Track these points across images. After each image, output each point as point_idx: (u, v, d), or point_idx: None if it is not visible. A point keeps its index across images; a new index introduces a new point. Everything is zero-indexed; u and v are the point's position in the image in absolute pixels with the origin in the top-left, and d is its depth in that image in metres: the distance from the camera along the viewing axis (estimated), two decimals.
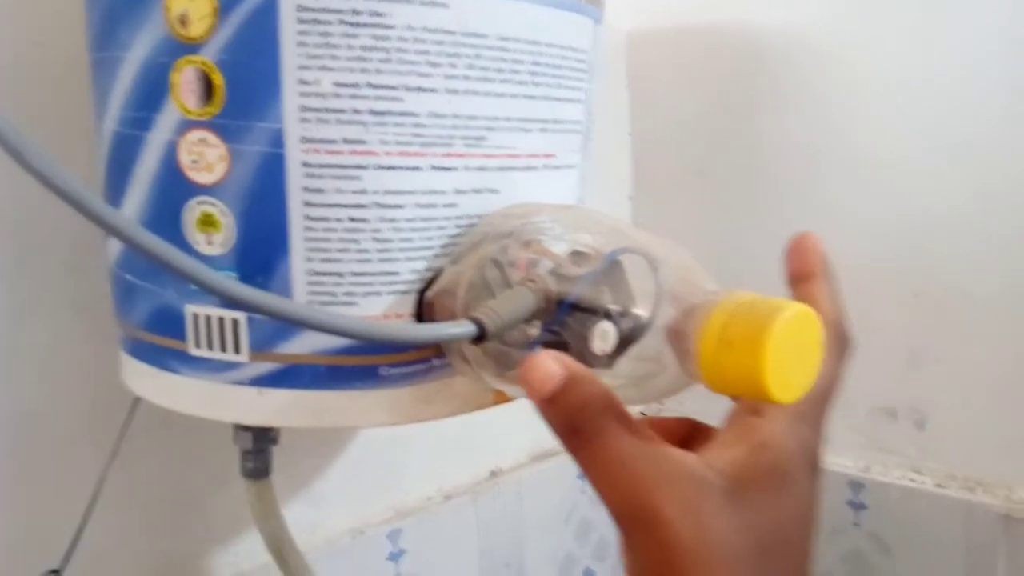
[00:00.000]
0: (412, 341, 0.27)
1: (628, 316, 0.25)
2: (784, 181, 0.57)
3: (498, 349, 0.27)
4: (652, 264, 0.26)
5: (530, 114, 0.30)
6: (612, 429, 0.24)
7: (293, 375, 0.28)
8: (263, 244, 0.27)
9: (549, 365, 0.24)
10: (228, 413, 0.30)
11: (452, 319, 0.28)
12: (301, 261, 0.27)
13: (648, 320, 0.25)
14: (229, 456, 0.36)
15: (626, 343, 0.25)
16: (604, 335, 0.25)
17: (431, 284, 0.29)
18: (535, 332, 0.27)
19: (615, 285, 0.26)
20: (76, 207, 0.20)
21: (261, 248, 0.27)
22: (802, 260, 0.28)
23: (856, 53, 0.53)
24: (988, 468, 0.51)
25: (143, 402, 0.33)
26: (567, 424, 0.24)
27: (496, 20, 0.28)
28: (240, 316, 0.28)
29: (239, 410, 0.29)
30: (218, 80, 0.26)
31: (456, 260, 0.29)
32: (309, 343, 0.28)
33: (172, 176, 0.27)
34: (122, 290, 0.31)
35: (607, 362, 0.26)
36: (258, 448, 0.36)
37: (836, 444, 0.56)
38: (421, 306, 0.29)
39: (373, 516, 0.51)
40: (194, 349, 0.29)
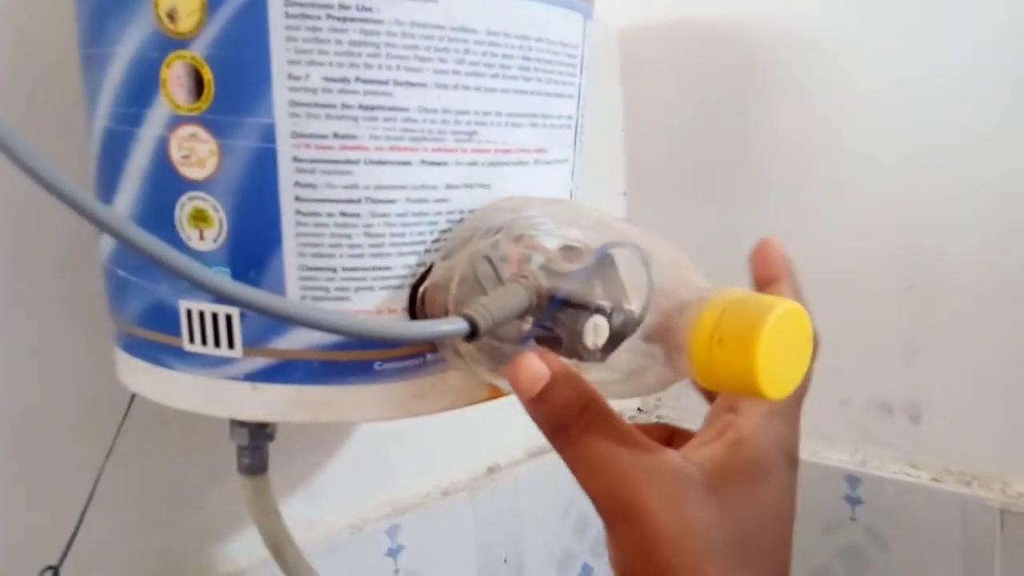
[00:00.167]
0: (405, 339, 0.27)
1: (620, 311, 0.25)
2: (777, 177, 0.57)
3: (491, 345, 0.27)
4: (644, 259, 0.26)
5: (521, 109, 0.30)
6: (597, 426, 0.25)
7: (287, 370, 0.28)
8: (255, 239, 0.27)
9: (536, 365, 0.25)
10: (223, 408, 0.30)
11: (444, 313, 0.28)
12: (293, 256, 0.27)
13: (640, 315, 0.25)
14: (226, 452, 0.36)
15: (618, 337, 0.26)
16: (596, 329, 0.26)
17: (423, 279, 0.29)
18: (527, 327, 0.27)
19: (607, 280, 0.26)
20: (67, 203, 0.20)
21: (253, 243, 0.27)
22: (766, 264, 0.28)
23: (849, 49, 0.53)
24: (984, 462, 0.51)
25: (140, 399, 0.33)
26: (553, 422, 0.25)
27: (485, 15, 0.28)
28: (234, 311, 0.28)
29: (233, 405, 0.30)
30: (208, 75, 0.26)
31: (447, 255, 0.29)
32: (303, 338, 0.28)
33: (163, 172, 0.27)
34: (115, 286, 0.31)
35: (600, 356, 0.26)
36: (254, 444, 0.36)
37: (832, 439, 0.56)
38: (414, 301, 0.29)
39: (371, 512, 0.51)
40: (188, 345, 0.29)
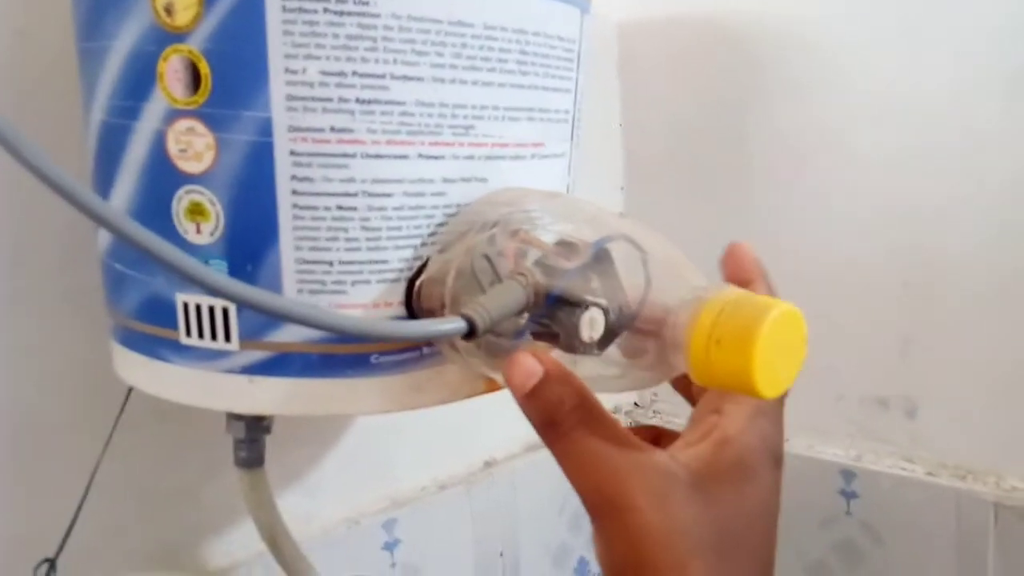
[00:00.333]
0: (403, 337, 0.27)
1: (616, 305, 0.25)
2: (774, 172, 0.57)
3: (487, 340, 0.27)
4: (641, 254, 0.26)
5: (518, 103, 0.30)
6: (587, 424, 0.25)
7: (284, 363, 0.29)
8: (252, 233, 0.27)
9: (530, 363, 0.25)
10: (219, 402, 0.30)
11: (441, 307, 0.28)
12: (290, 250, 0.27)
13: (636, 309, 0.25)
14: (224, 446, 0.36)
15: (614, 332, 0.26)
16: (592, 322, 0.26)
17: (420, 272, 0.29)
18: (524, 322, 0.27)
19: (603, 275, 0.26)
20: (64, 197, 0.20)
21: (250, 237, 0.27)
22: (739, 267, 0.28)
23: (847, 46, 0.53)
24: (978, 456, 0.51)
25: (137, 392, 0.33)
26: (544, 418, 0.26)
27: (482, 9, 0.28)
28: (230, 305, 0.28)
29: (230, 398, 0.30)
30: (205, 69, 0.26)
31: (444, 248, 0.29)
32: (299, 332, 0.28)
33: (160, 165, 0.27)
34: (112, 280, 0.31)
35: (595, 350, 0.26)
36: (251, 437, 0.36)
37: (828, 433, 0.56)
38: (410, 294, 0.29)
39: (368, 506, 0.51)
40: (185, 338, 0.29)
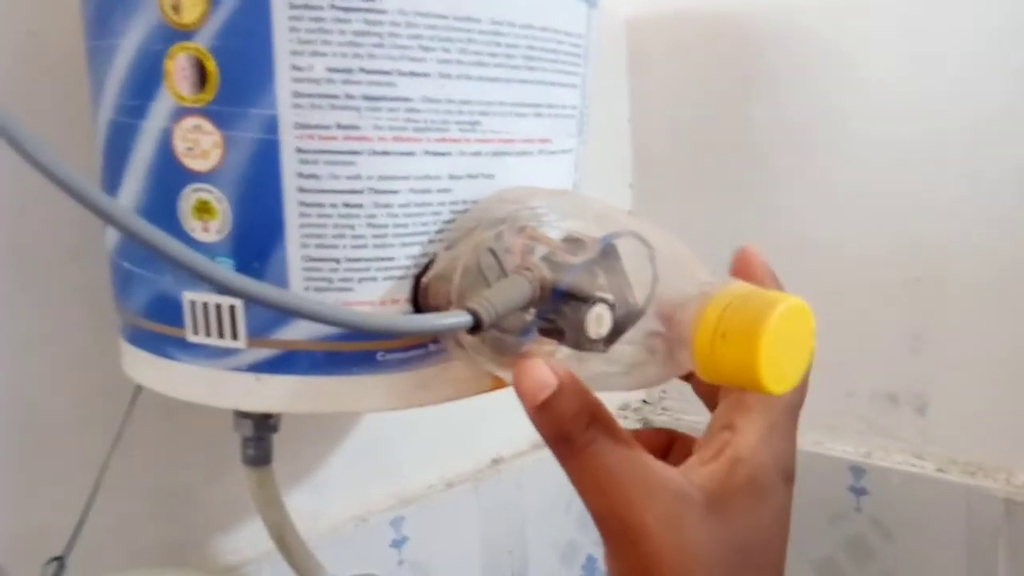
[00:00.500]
0: (408, 331, 0.27)
1: (623, 302, 0.25)
2: (784, 167, 0.57)
3: (494, 336, 0.27)
4: (648, 250, 0.26)
5: (525, 99, 0.30)
6: (601, 440, 0.24)
7: (291, 361, 0.29)
8: (259, 231, 0.27)
9: (542, 372, 0.24)
10: (226, 399, 0.30)
11: (447, 304, 0.28)
12: (297, 247, 0.27)
13: (643, 307, 0.25)
14: (232, 444, 0.36)
15: (620, 328, 0.25)
16: (599, 319, 0.25)
17: (427, 269, 0.29)
18: (530, 318, 0.27)
19: (610, 271, 0.26)
20: (72, 195, 0.20)
21: (257, 235, 0.27)
22: (749, 271, 0.28)
23: (854, 40, 0.53)
24: (989, 452, 0.51)
25: (146, 390, 0.33)
26: (557, 432, 0.25)
27: (489, 4, 0.28)
28: (237, 302, 0.28)
29: (237, 396, 0.30)
30: (211, 67, 0.26)
31: (451, 245, 0.29)
32: (306, 329, 0.28)
33: (167, 164, 0.27)
34: (120, 278, 0.31)
35: (602, 347, 0.26)
36: (259, 435, 0.36)
37: (837, 430, 0.56)
38: (417, 291, 0.29)
39: (376, 503, 0.51)
40: (192, 336, 0.29)
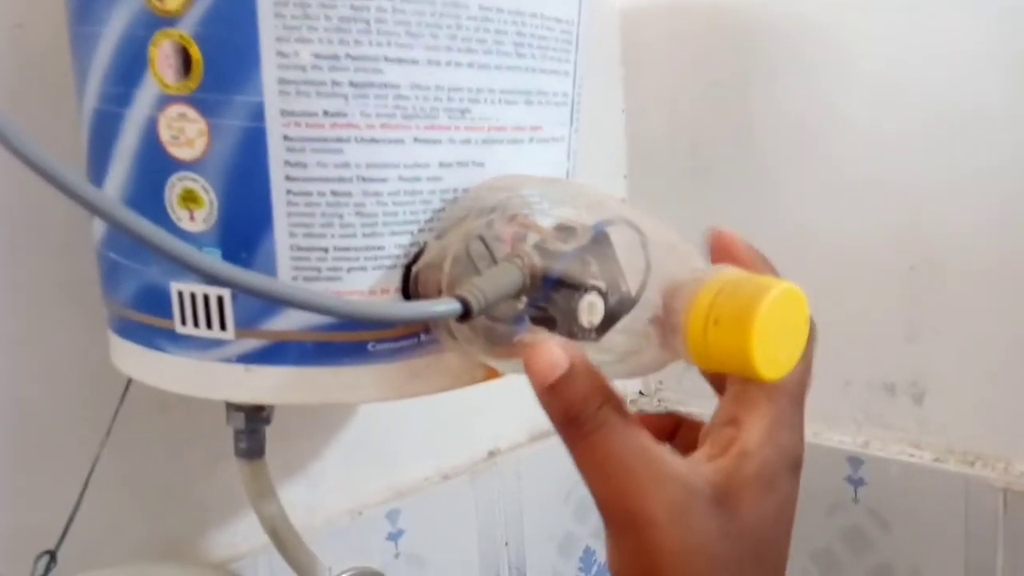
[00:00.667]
0: (396, 319, 0.27)
1: (615, 290, 0.25)
2: (779, 156, 0.57)
3: (485, 325, 0.27)
4: (641, 238, 0.26)
5: (515, 86, 0.29)
6: (610, 425, 0.24)
7: (280, 352, 0.28)
8: (246, 220, 0.27)
9: (554, 353, 0.24)
10: (216, 391, 0.30)
11: (438, 294, 0.27)
12: (285, 236, 0.27)
13: (635, 294, 0.25)
14: (226, 437, 0.36)
15: (613, 317, 0.25)
16: (591, 307, 0.25)
17: (417, 258, 0.29)
18: (522, 307, 0.26)
19: (602, 259, 0.26)
20: (57, 186, 0.20)
21: (244, 224, 0.27)
22: (732, 256, 0.26)
23: (851, 27, 0.52)
24: (986, 442, 0.50)
25: (137, 383, 0.33)
26: (566, 415, 0.24)
27: None
28: (225, 293, 0.28)
29: (227, 388, 0.29)
30: (196, 53, 0.26)
31: (441, 234, 0.28)
32: (295, 320, 0.28)
33: (153, 152, 0.27)
34: (107, 269, 0.31)
35: (594, 336, 0.25)
36: (251, 428, 0.36)
37: (834, 420, 0.56)
38: (407, 281, 0.29)
39: (371, 497, 0.51)
40: (180, 327, 0.29)
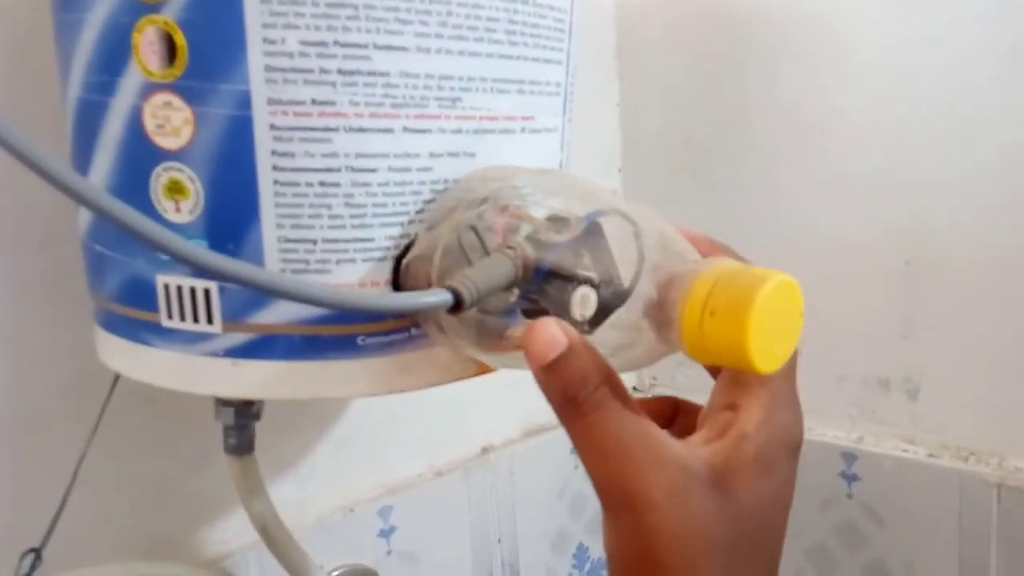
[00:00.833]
0: (386, 310, 0.26)
1: (608, 282, 0.25)
2: (774, 149, 0.56)
3: (476, 317, 0.26)
4: (635, 229, 0.25)
5: (507, 74, 0.29)
6: (608, 405, 0.23)
7: (268, 346, 0.28)
8: (232, 211, 0.27)
9: (553, 331, 0.23)
10: (203, 386, 0.29)
11: (427, 286, 0.27)
12: (272, 228, 0.27)
13: (629, 287, 0.25)
14: (215, 432, 0.36)
15: (606, 310, 0.25)
16: (584, 300, 0.25)
17: (407, 250, 0.28)
18: (513, 299, 0.26)
19: (595, 251, 0.26)
20: (41, 174, 0.19)
21: (231, 215, 0.27)
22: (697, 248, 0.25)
23: (847, 19, 0.52)
24: (981, 437, 0.50)
25: (125, 378, 0.32)
26: (564, 394, 0.24)
27: None
28: (211, 285, 0.27)
29: (214, 382, 0.29)
30: (180, 40, 0.25)
31: (432, 225, 0.28)
32: (283, 313, 0.27)
33: (138, 142, 0.27)
34: (93, 262, 0.30)
35: (587, 329, 0.25)
36: (240, 424, 0.35)
37: (828, 415, 0.56)
38: (397, 273, 0.28)
39: (363, 493, 0.50)
40: (166, 320, 0.28)
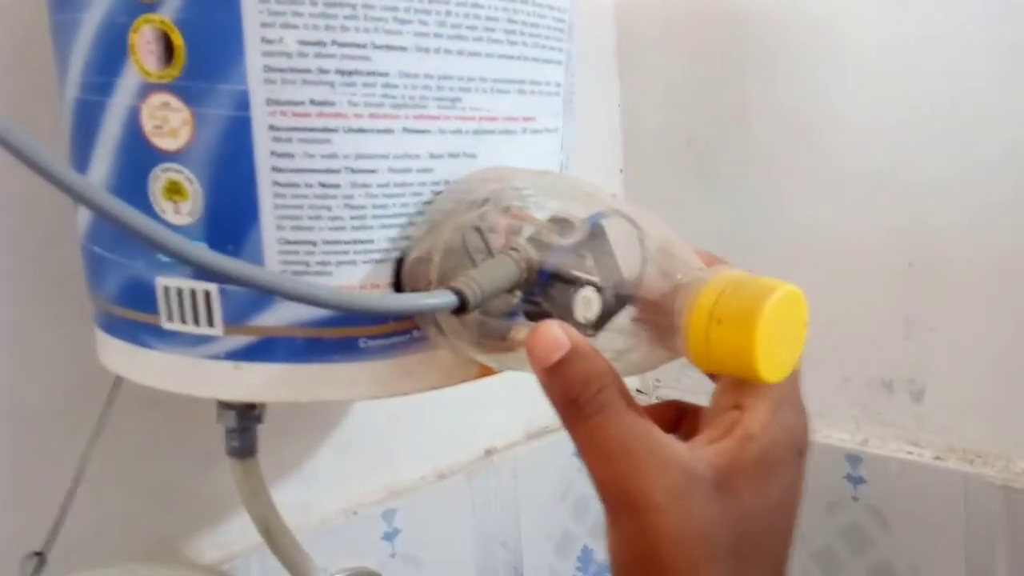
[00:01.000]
0: (390, 312, 0.26)
1: (611, 285, 0.24)
2: (776, 150, 0.56)
3: (477, 319, 0.26)
4: (638, 232, 0.25)
5: (506, 74, 0.29)
6: (611, 408, 0.23)
7: (269, 348, 0.28)
8: (232, 212, 0.26)
9: (556, 334, 0.23)
10: (204, 389, 0.29)
11: (427, 287, 0.27)
12: (272, 229, 0.26)
13: (632, 290, 0.24)
14: (218, 435, 0.36)
15: (609, 312, 0.25)
16: (587, 303, 0.25)
17: (408, 252, 0.28)
18: (516, 301, 0.26)
19: (599, 253, 0.25)
20: (41, 174, 0.19)
21: (230, 217, 0.26)
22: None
23: (846, 20, 0.52)
24: (986, 439, 0.50)
25: (127, 380, 0.32)
26: (568, 396, 0.24)
27: None
28: (212, 288, 0.27)
29: (215, 385, 0.29)
30: (178, 40, 0.25)
31: (432, 227, 0.28)
32: (285, 315, 0.27)
33: (136, 143, 0.27)
34: (92, 264, 0.30)
35: (590, 332, 0.25)
36: (243, 427, 0.35)
37: (833, 418, 0.55)
38: (398, 274, 0.28)
39: (366, 496, 0.50)
40: (167, 323, 0.28)
